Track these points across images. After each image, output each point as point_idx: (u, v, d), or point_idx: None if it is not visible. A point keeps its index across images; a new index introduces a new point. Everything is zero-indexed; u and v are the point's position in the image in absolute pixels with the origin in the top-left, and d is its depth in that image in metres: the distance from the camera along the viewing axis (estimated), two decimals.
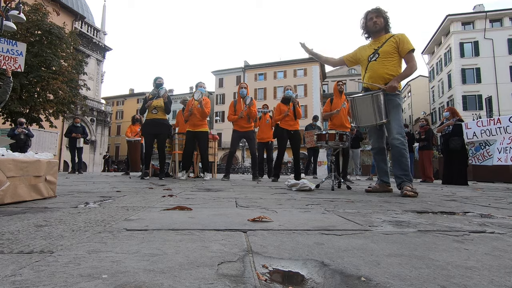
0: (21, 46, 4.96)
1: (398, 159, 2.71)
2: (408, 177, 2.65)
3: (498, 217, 1.37)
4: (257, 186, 3.49)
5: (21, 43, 5.09)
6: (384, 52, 2.83)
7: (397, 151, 2.71)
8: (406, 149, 2.71)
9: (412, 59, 2.76)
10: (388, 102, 2.78)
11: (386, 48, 2.81)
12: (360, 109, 2.89)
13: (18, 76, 10.83)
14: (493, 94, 21.99)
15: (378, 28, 2.89)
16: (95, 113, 24.82)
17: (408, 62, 2.77)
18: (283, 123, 5.03)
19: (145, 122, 5.26)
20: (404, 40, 2.77)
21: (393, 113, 2.78)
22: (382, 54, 2.83)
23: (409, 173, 2.67)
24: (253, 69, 37.29)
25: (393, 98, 2.80)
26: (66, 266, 0.59)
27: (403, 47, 2.76)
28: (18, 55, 4.86)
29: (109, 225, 1.01)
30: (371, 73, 2.88)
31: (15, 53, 4.84)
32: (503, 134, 5.09)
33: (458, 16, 26.58)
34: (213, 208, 1.51)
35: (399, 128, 2.74)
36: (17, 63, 4.84)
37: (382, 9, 2.91)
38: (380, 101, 2.75)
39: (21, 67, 4.90)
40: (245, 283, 0.53)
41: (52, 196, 1.83)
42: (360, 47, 3.07)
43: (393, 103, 2.80)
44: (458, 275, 0.59)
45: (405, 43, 2.75)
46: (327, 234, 0.94)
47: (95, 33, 25.48)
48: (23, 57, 4.92)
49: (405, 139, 2.74)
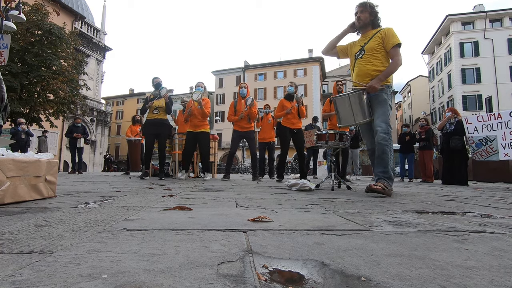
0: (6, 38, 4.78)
1: (380, 156, 2.60)
2: (387, 174, 2.54)
3: (498, 217, 1.37)
4: (257, 186, 3.49)
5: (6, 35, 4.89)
6: (369, 49, 2.74)
7: (379, 148, 2.60)
8: (388, 146, 2.58)
9: (396, 53, 2.63)
10: (373, 98, 2.69)
11: (371, 44, 2.72)
12: (341, 109, 2.84)
13: (18, 76, 10.84)
14: (493, 94, 22.01)
15: (362, 24, 2.80)
16: (95, 113, 24.82)
17: (393, 57, 2.66)
18: (285, 121, 4.94)
19: (146, 122, 5.25)
20: (389, 34, 2.66)
21: (377, 109, 2.68)
22: (368, 51, 2.74)
23: (388, 171, 2.56)
24: (253, 69, 37.28)
25: (379, 93, 2.68)
26: (66, 266, 0.59)
27: (388, 41, 2.65)
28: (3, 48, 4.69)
29: (109, 225, 1.01)
30: (358, 70, 2.81)
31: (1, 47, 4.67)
32: (504, 129, 5.13)
33: (458, 16, 26.57)
34: (213, 208, 1.51)
35: (383, 124, 2.62)
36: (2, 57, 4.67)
37: (368, 3, 2.78)
38: (361, 100, 2.66)
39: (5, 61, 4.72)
40: (245, 283, 0.53)
41: (52, 196, 1.83)
42: (351, 42, 2.98)
43: (378, 99, 2.70)
44: (458, 275, 0.59)
45: (390, 37, 2.64)
46: (327, 234, 0.94)
47: (95, 33, 25.48)
48: (7, 49, 4.74)
49: (389, 136, 2.61)
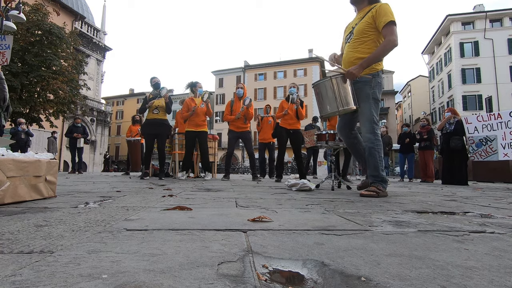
0: (8, 39, 4.84)
1: (367, 158, 2.42)
2: (379, 178, 2.35)
3: (498, 217, 1.36)
4: (257, 186, 3.49)
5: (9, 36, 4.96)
6: (357, 32, 2.38)
7: (366, 150, 2.41)
8: (375, 148, 2.35)
9: (390, 32, 2.20)
10: (357, 91, 2.38)
11: (360, 26, 2.36)
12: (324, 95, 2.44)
13: (18, 76, 10.85)
14: (493, 94, 22.00)
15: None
16: (95, 113, 24.83)
17: (385, 37, 2.24)
18: (282, 122, 5.01)
19: (146, 122, 5.26)
20: (381, 11, 2.24)
21: (361, 106, 2.38)
22: (356, 34, 2.39)
23: (379, 174, 2.35)
24: (253, 69, 37.29)
25: (362, 86, 2.36)
26: (66, 266, 0.59)
27: (379, 21, 2.24)
28: (5, 48, 4.75)
29: (109, 225, 1.01)
30: (344, 56, 2.48)
31: (3, 47, 4.73)
32: (504, 129, 5.13)
33: (458, 16, 26.57)
34: (213, 208, 1.51)
35: (367, 123, 2.35)
36: (4, 57, 4.72)
37: None
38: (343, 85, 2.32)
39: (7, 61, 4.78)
40: (245, 283, 0.53)
41: (52, 196, 1.83)
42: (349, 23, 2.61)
43: (361, 94, 2.37)
44: (458, 275, 0.59)
45: (382, 15, 2.23)
46: (327, 234, 0.94)
47: (95, 33, 25.49)
48: (9, 50, 4.80)
49: (375, 135, 2.36)
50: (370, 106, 2.35)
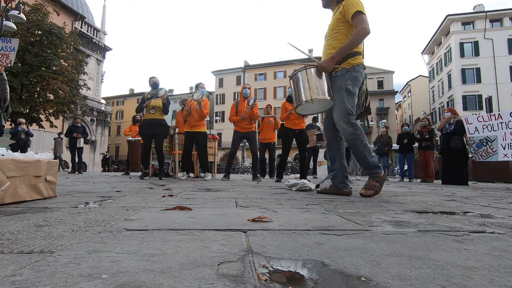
0: (14, 42, 4.87)
1: (353, 152, 2.34)
2: (370, 168, 2.26)
3: (498, 217, 1.36)
4: (257, 186, 3.49)
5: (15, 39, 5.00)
6: (329, 29, 2.40)
7: (349, 143, 2.33)
8: (356, 138, 2.27)
9: (359, 21, 2.18)
10: (332, 86, 2.35)
11: (331, 23, 2.40)
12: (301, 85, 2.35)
13: (18, 76, 10.86)
14: (493, 94, 22.01)
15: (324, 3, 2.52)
16: (95, 113, 24.84)
17: (356, 26, 2.22)
18: (287, 122, 4.98)
19: (143, 122, 5.27)
20: (348, 4, 2.25)
21: (335, 97, 2.32)
22: (328, 32, 2.41)
23: (370, 165, 2.27)
24: (253, 69, 37.31)
25: (335, 80, 2.34)
26: (66, 266, 0.59)
27: (348, 13, 2.24)
28: (10, 51, 4.78)
29: (109, 225, 1.01)
30: (322, 56, 2.50)
31: (8, 49, 4.76)
32: (505, 130, 5.12)
33: (458, 16, 26.60)
34: (213, 208, 1.51)
35: (343, 115, 2.27)
36: (8, 59, 4.75)
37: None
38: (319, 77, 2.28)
39: (11, 62, 4.81)
40: (245, 283, 0.53)
41: (52, 196, 1.83)
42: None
43: (334, 86, 2.34)
44: (458, 275, 0.59)
45: (349, 7, 2.23)
46: (327, 234, 0.94)
47: (95, 33, 25.50)
48: (14, 52, 4.83)
49: (352, 125, 2.27)
50: (343, 96, 2.29)
